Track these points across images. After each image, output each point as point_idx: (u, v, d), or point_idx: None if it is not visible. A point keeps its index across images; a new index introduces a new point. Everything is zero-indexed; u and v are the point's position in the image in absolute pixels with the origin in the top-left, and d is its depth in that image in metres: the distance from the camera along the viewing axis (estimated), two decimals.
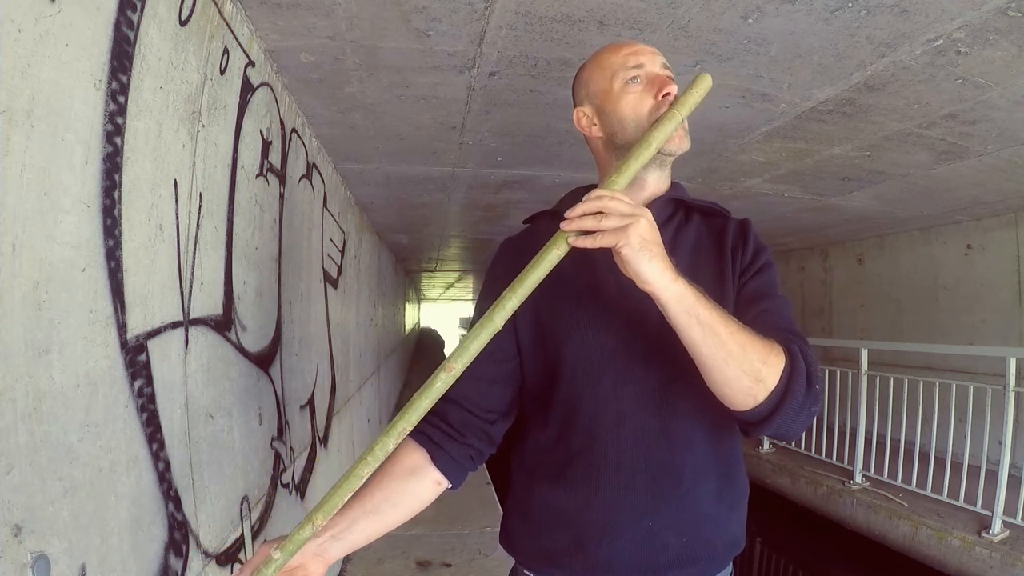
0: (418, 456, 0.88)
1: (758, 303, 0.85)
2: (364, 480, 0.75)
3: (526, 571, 0.94)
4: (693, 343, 0.73)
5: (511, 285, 0.75)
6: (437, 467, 0.88)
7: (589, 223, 0.72)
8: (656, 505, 0.84)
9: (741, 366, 0.72)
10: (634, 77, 0.86)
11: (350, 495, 0.75)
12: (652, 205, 0.89)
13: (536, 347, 0.91)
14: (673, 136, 0.82)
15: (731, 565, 0.93)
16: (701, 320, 0.72)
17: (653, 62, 0.87)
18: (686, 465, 0.85)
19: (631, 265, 0.72)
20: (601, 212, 0.72)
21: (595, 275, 0.89)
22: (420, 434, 0.88)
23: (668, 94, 0.84)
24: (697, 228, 0.93)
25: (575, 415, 0.87)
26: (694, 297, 0.72)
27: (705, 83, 0.80)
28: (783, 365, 0.75)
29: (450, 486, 0.90)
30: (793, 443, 4.92)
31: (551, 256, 0.74)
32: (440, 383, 0.74)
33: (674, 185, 0.96)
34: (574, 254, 0.88)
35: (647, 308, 0.82)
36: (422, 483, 0.88)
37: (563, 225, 0.73)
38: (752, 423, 0.78)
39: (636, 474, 0.84)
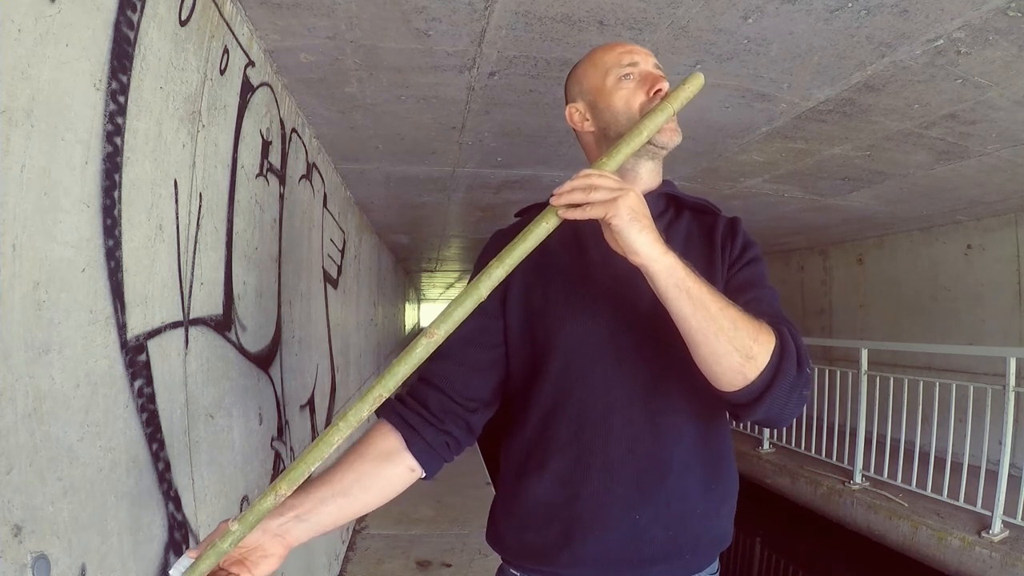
0: (393, 440, 0.85)
1: (746, 292, 0.85)
2: (334, 447, 0.69)
3: (512, 570, 0.93)
4: (683, 317, 0.73)
5: (498, 255, 0.74)
6: (412, 453, 0.84)
7: (578, 196, 0.72)
8: (643, 499, 0.84)
9: (731, 341, 0.72)
10: (627, 74, 0.88)
11: (319, 463, 0.69)
12: (644, 198, 0.89)
13: (525, 336, 0.90)
14: (664, 128, 0.83)
15: (717, 561, 0.93)
16: (691, 293, 0.72)
17: (646, 61, 0.90)
18: (674, 459, 0.84)
19: (621, 236, 0.71)
20: (590, 187, 0.72)
21: (587, 265, 0.89)
22: (397, 417, 0.85)
23: (660, 90, 0.86)
24: (688, 224, 0.94)
25: (563, 407, 0.87)
26: (684, 271, 0.72)
27: (697, 81, 0.82)
28: (773, 344, 0.74)
29: (424, 475, 0.86)
30: (793, 443, 4.93)
31: (539, 229, 0.73)
32: (421, 349, 0.70)
33: (666, 182, 0.96)
34: (567, 244, 0.86)
35: (639, 299, 0.82)
36: (395, 468, 0.84)
37: (553, 200, 0.73)
38: (742, 404, 0.76)
39: (624, 467, 0.84)
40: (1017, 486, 3.23)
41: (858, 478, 4.15)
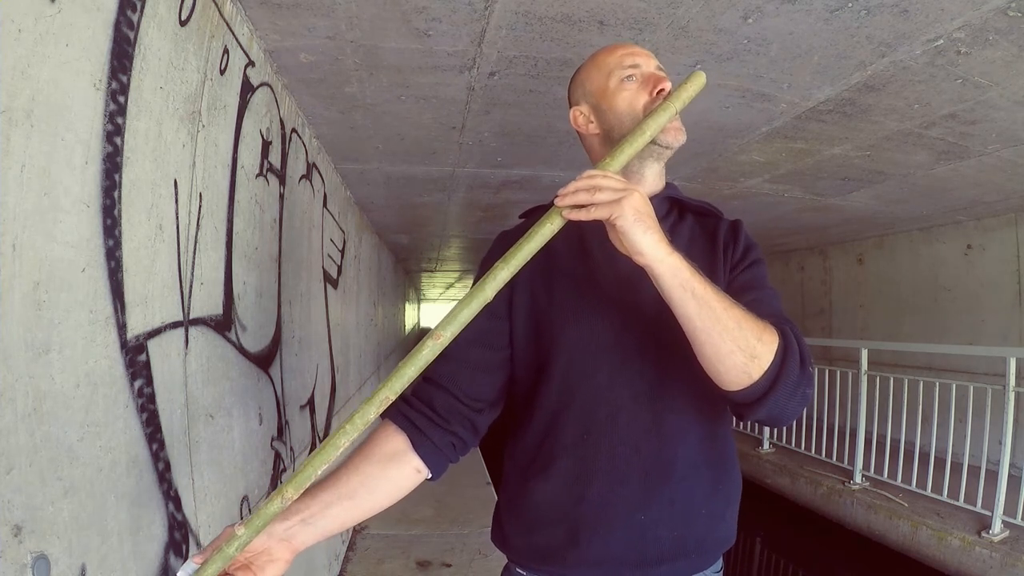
0: (399, 441, 0.84)
1: (748, 293, 0.85)
2: (341, 450, 0.69)
3: (518, 569, 0.93)
4: (687, 317, 0.73)
5: (503, 257, 0.74)
6: (418, 454, 0.84)
7: (583, 197, 0.72)
8: (648, 499, 0.84)
9: (736, 341, 0.72)
10: (630, 76, 0.88)
11: (325, 466, 0.69)
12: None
13: (530, 338, 0.91)
14: (668, 128, 0.83)
15: (721, 559, 0.93)
16: (696, 294, 0.72)
17: (648, 63, 0.90)
18: (678, 459, 0.85)
19: (626, 237, 0.72)
20: (595, 188, 0.72)
21: (592, 267, 0.89)
22: (403, 418, 0.85)
23: (662, 91, 0.86)
24: (691, 227, 0.95)
25: (568, 408, 0.87)
26: (689, 271, 0.72)
27: (699, 79, 0.82)
28: (777, 343, 0.75)
29: (430, 476, 0.85)
30: (793, 443, 4.93)
31: (545, 230, 0.74)
32: (427, 351, 0.71)
33: (669, 185, 0.97)
34: (572, 246, 0.87)
35: (643, 301, 0.82)
36: (401, 470, 0.83)
37: (557, 200, 0.73)
38: (747, 404, 0.76)
39: (629, 468, 0.84)
40: (1017, 486, 3.22)
41: (858, 478, 4.15)
